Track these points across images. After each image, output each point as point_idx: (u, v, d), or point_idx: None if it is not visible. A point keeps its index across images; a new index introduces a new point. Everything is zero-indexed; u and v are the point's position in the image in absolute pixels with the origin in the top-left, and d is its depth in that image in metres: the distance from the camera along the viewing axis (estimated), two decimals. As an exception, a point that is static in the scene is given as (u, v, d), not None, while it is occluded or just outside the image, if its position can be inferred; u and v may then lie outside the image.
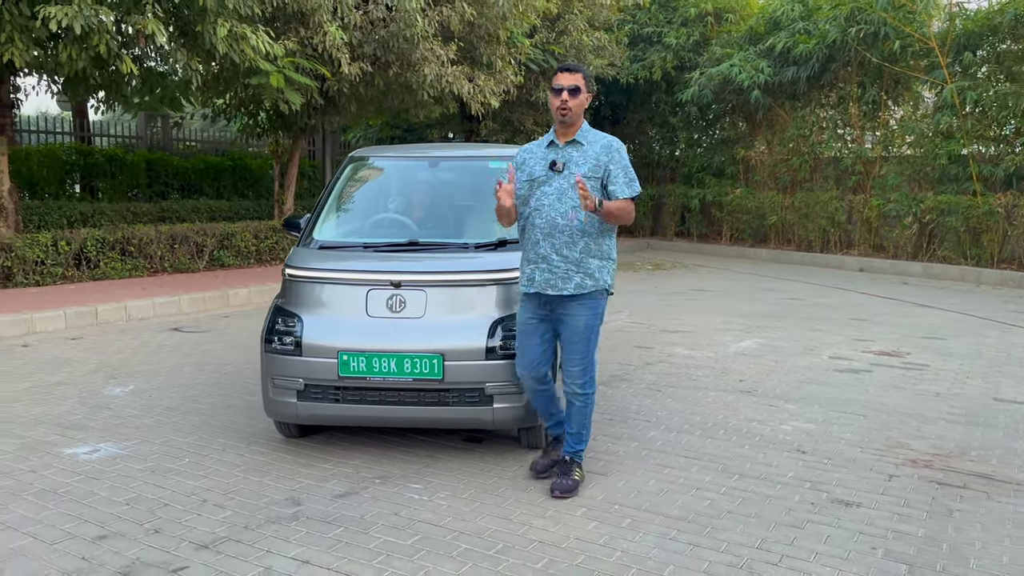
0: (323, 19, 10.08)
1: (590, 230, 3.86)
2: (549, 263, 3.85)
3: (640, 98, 20.49)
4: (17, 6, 7.83)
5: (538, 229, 3.86)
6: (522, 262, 3.99)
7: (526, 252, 3.97)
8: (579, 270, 3.85)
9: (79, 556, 3.25)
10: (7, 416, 5.18)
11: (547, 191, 3.87)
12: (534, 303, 3.96)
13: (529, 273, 3.93)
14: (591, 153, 3.88)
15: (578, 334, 3.92)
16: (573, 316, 3.90)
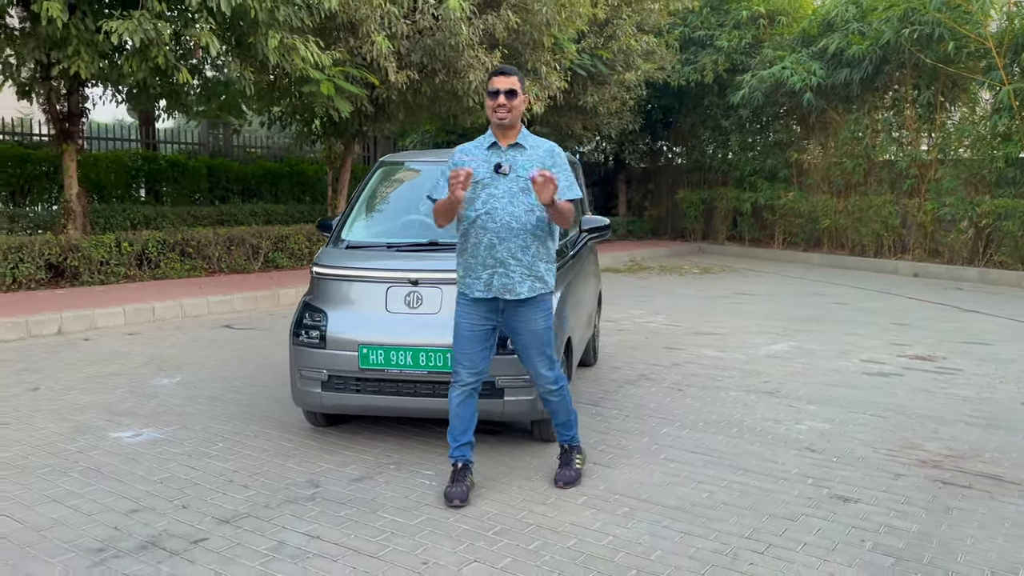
0: (371, 29, 10.42)
1: (539, 234, 3.92)
2: (506, 267, 3.86)
3: (692, 101, 20.46)
4: (83, 21, 8.35)
5: (492, 233, 3.84)
6: (472, 267, 3.91)
7: (476, 256, 3.89)
8: (531, 273, 3.91)
9: (112, 526, 3.57)
10: (63, 403, 5.59)
11: (495, 194, 3.87)
12: (484, 308, 3.94)
13: (486, 278, 3.88)
14: (536, 157, 3.94)
15: (538, 337, 3.98)
16: (530, 320, 3.96)
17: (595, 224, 5.40)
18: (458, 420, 4.00)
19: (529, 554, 3.37)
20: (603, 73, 16.01)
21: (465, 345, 3.96)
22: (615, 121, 18.32)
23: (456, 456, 4.01)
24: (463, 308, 3.99)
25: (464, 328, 3.96)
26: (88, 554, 3.29)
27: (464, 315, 3.98)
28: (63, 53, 8.54)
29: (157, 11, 8.28)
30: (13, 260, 9.68)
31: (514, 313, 3.95)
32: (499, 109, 3.85)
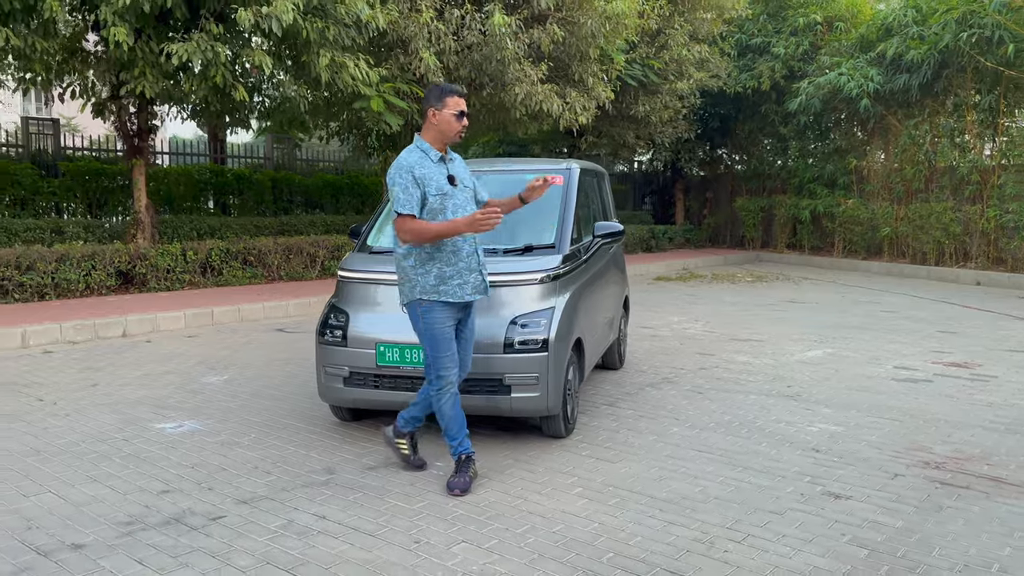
0: (419, 46, 10.82)
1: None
2: (482, 269, 4.23)
3: (749, 108, 20.35)
4: (148, 45, 8.96)
5: (471, 240, 4.14)
6: (452, 274, 4.09)
7: (457, 264, 4.09)
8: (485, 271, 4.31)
9: (142, 504, 3.94)
10: (117, 397, 6.06)
11: (458, 202, 4.13)
12: (454, 310, 4.15)
13: (474, 281, 4.15)
14: (462, 167, 4.33)
15: (473, 331, 4.35)
16: (472, 316, 4.32)
17: (608, 230, 5.58)
18: (454, 421, 4.18)
19: (516, 537, 3.59)
20: (654, 83, 16.12)
21: (448, 346, 4.12)
22: (669, 130, 18.38)
23: (462, 450, 4.23)
24: (442, 313, 4.11)
25: (443, 332, 4.11)
26: (118, 527, 3.66)
27: (444, 320, 4.11)
28: (130, 74, 9.17)
29: (215, 33, 8.82)
30: (86, 267, 10.36)
31: (468, 311, 4.28)
32: (463, 130, 4.18)
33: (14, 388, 6.31)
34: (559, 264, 4.94)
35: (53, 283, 10.10)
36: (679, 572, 3.27)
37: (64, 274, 10.16)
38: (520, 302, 4.76)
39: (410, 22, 10.78)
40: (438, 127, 4.14)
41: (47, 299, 10.05)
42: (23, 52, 8.67)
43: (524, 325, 4.66)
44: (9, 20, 8.43)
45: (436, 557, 3.38)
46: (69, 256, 10.28)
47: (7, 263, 9.73)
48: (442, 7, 11.53)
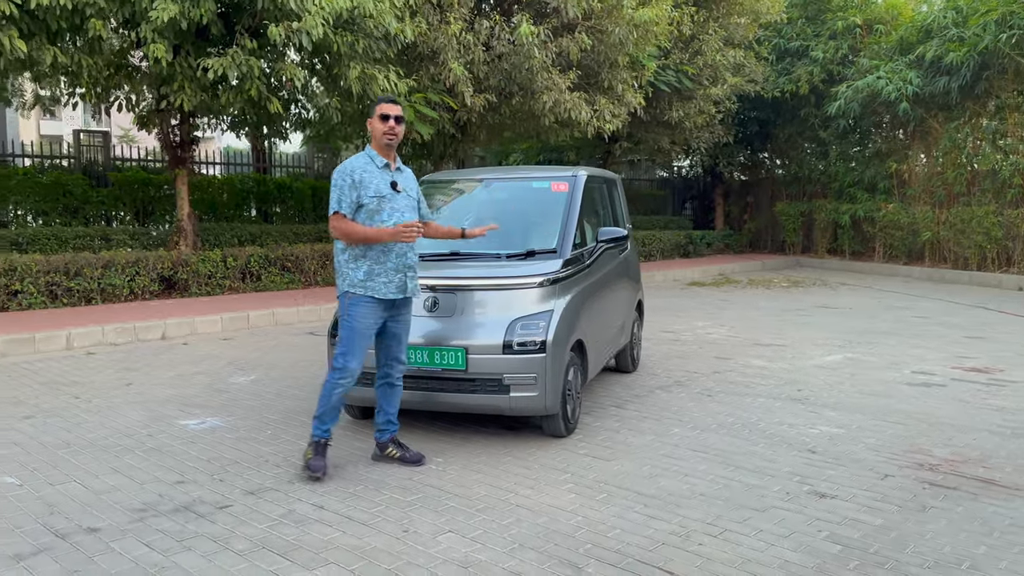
0: (448, 57, 11.08)
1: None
2: (413, 271, 4.51)
3: (788, 112, 20.21)
4: (187, 60, 9.37)
5: (400, 245, 4.40)
6: (380, 272, 4.36)
7: (385, 263, 4.37)
8: (417, 275, 4.61)
9: (157, 493, 4.21)
10: (148, 395, 6.39)
11: (397, 207, 4.43)
12: (382, 307, 4.43)
13: (399, 281, 4.42)
14: (410, 179, 4.67)
15: (408, 328, 4.64)
16: (408, 313, 4.61)
17: (612, 235, 5.72)
18: (333, 411, 4.47)
19: (500, 527, 3.77)
20: (688, 88, 16.15)
21: (363, 342, 4.43)
22: (705, 135, 18.35)
23: (322, 435, 4.50)
24: (367, 308, 4.40)
25: (364, 327, 4.42)
26: (132, 513, 3.93)
27: (367, 315, 4.41)
28: (170, 88, 9.60)
29: (249, 48, 9.19)
30: (130, 273, 10.83)
31: (403, 308, 4.54)
32: (389, 132, 4.41)
33: (55, 386, 6.69)
34: (559, 268, 5.10)
35: (99, 288, 10.58)
36: (651, 563, 3.41)
37: (110, 279, 10.63)
38: (520, 305, 4.93)
39: (439, 34, 11.04)
40: (373, 133, 4.46)
41: (93, 303, 10.53)
42: (70, 69, 9.16)
43: (523, 327, 4.83)
44: (57, 39, 8.92)
45: (421, 545, 3.58)
46: (115, 262, 10.75)
47: (56, 269, 10.22)
48: (472, 19, 11.79)
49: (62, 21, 8.58)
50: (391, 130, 4.43)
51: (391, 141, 4.46)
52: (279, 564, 3.38)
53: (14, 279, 9.83)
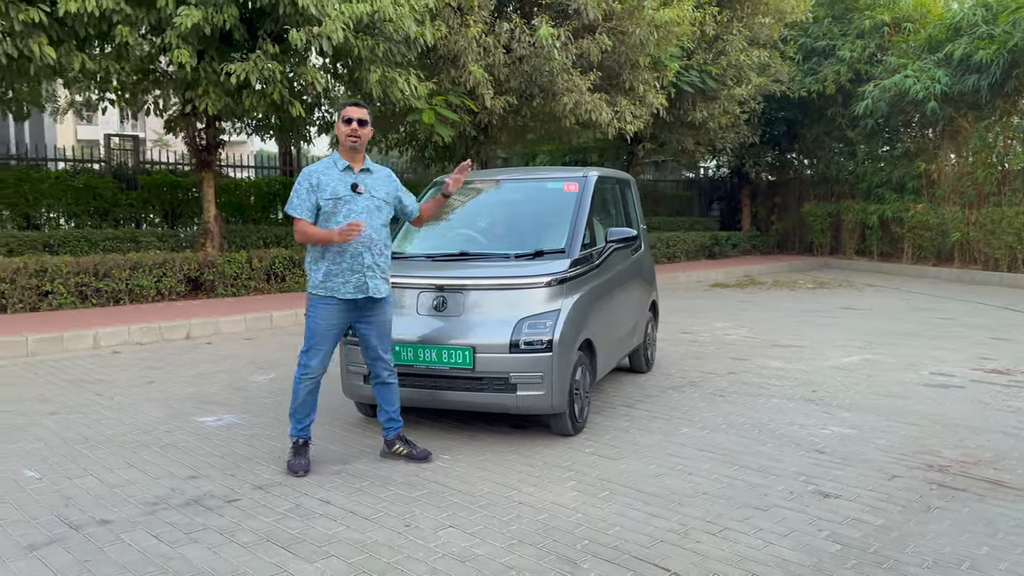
0: (468, 60, 11.16)
1: (388, 240, 4.64)
2: (373, 271, 4.50)
3: (816, 112, 20.02)
4: (211, 65, 9.55)
5: (358, 243, 4.42)
6: (337, 272, 4.43)
7: (339, 263, 4.42)
8: (385, 276, 4.63)
9: (169, 487, 4.32)
10: (169, 393, 6.53)
11: (355, 209, 4.45)
12: (344, 308, 4.50)
13: (356, 281, 4.45)
14: (380, 180, 4.64)
15: (387, 327, 4.69)
16: (382, 313, 4.64)
17: (621, 235, 5.73)
18: (305, 407, 4.59)
19: (501, 524, 3.82)
20: (712, 88, 16.08)
21: (322, 341, 4.53)
22: (730, 135, 18.25)
23: (300, 435, 4.62)
24: (326, 309, 4.50)
25: (324, 327, 4.52)
26: (144, 506, 4.04)
27: (326, 316, 4.51)
28: (195, 93, 9.78)
29: (271, 53, 9.34)
30: (157, 274, 11.04)
31: (372, 309, 4.58)
32: (352, 134, 4.46)
33: (80, 384, 6.86)
34: (567, 268, 5.13)
35: (127, 289, 10.79)
36: (647, 559, 3.43)
37: (137, 280, 10.85)
38: (527, 304, 4.97)
39: (459, 37, 11.13)
40: (338, 136, 4.53)
41: (122, 304, 10.75)
42: (98, 74, 9.37)
43: (530, 326, 4.88)
44: (86, 45, 9.14)
45: (422, 539, 3.64)
46: (142, 264, 10.97)
47: (86, 270, 10.45)
48: (492, 21, 11.85)
49: (90, 28, 8.79)
50: (353, 132, 4.47)
51: (354, 143, 4.50)
52: (281, 556, 3.46)
53: (45, 280, 10.07)
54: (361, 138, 4.51)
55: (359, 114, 4.50)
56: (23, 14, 8.11)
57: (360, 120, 4.50)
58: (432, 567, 3.36)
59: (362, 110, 4.54)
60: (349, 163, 4.54)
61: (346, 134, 4.48)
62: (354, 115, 4.49)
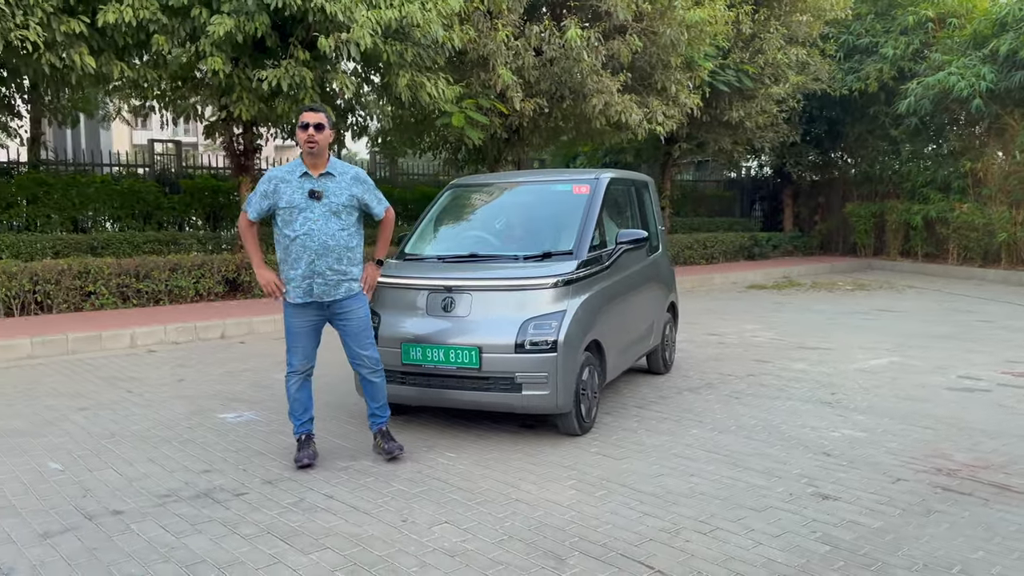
0: (497, 63, 11.26)
1: (350, 246, 4.64)
2: (324, 277, 4.56)
3: (858, 111, 19.68)
4: (244, 72, 9.81)
5: (311, 251, 4.50)
6: (292, 278, 4.57)
7: (296, 268, 4.54)
8: (346, 278, 4.65)
9: (183, 481, 4.49)
10: (196, 391, 6.75)
11: (311, 216, 4.50)
12: (310, 310, 4.65)
13: (306, 287, 4.57)
14: (344, 184, 4.60)
15: (362, 324, 4.74)
16: (353, 312, 4.70)
17: (631, 237, 5.76)
18: (298, 403, 4.77)
19: (495, 520, 3.89)
20: (749, 87, 15.94)
21: (296, 340, 4.70)
22: (769, 134, 18.05)
23: (300, 431, 4.81)
24: (290, 310, 4.69)
25: (294, 326, 4.70)
26: (156, 498, 4.21)
27: (292, 315, 4.70)
28: (229, 99, 10.05)
29: (302, 59, 9.56)
30: (196, 276, 11.36)
31: (339, 309, 4.68)
32: (309, 140, 4.49)
33: (114, 381, 7.12)
34: (573, 269, 5.18)
35: (167, 290, 11.13)
36: (634, 557, 3.48)
37: (176, 281, 11.18)
38: (533, 305, 5.04)
39: (488, 40, 11.23)
40: (299, 142, 4.58)
41: (161, 304, 11.09)
42: (137, 82, 9.70)
43: (535, 327, 4.94)
44: (124, 54, 9.46)
45: (416, 534, 3.73)
46: (181, 265, 11.29)
47: (127, 272, 10.80)
48: (522, 24, 11.94)
49: (128, 37, 9.10)
50: (310, 138, 4.49)
51: (312, 148, 4.52)
52: (279, 548, 3.58)
53: (88, 281, 10.43)
54: (319, 143, 4.53)
55: (316, 119, 4.52)
56: (64, 25, 8.44)
57: (317, 124, 4.50)
58: (422, 560, 3.45)
59: (319, 115, 4.55)
60: (308, 169, 4.56)
61: (303, 140, 4.51)
62: (311, 120, 4.50)
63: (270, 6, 8.85)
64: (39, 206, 12.39)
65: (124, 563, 3.42)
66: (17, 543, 3.63)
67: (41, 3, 8.16)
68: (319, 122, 4.53)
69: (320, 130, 4.54)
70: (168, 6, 8.98)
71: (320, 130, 4.54)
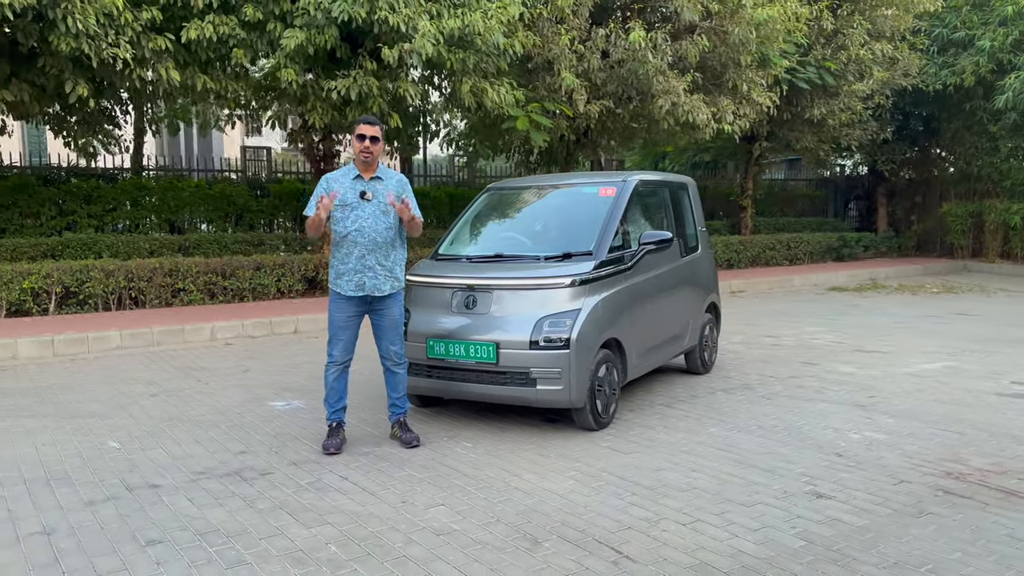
0: (561, 67, 11.47)
1: (396, 245, 5.05)
2: (375, 271, 4.97)
3: (954, 107, 18.85)
4: (317, 82, 10.37)
5: (361, 246, 4.91)
6: (344, 272, 4.95)
7: (347, 263, 4.94)
8: (391, 276, 5.07)
9: (219, 460, 4.92)
10: (257, 381, 7.25)
11: (362, 215, 4.91)
12: (355, 303, 5.02)
13: (358, 281, 4.95)
14: (391, 187, 4.96)
15: (395, 322, 5.16)
16: (390, 309, 5.11)
17: (655, 238, 5.87)
18: (334, 392, 5.13)
19: (489, 504, 4.14)
20: (833, 85, 15.57)
21: (340, 332, 5.09)
22: (856, 132, 17.54)
23: (332, 418, 5.16)
24: (337, 304, 5.06)
25: (339, 319, 5.07)
26: (192, 475, 4.65)
27: (338, 309, 5.07)
28: (304, 108, 10.64)
29: (370, 69, 10.04)
30: (278, 274, 12.04)
31: (379, 305, 5.04)
32: (364, 150, 4.90)
33: (187, 371, 7.73)
34: (591, 269, 5.36)
35: (251, 287, 11.85)
36: (607, 543, 3.66)
37: (259, 280, 11.88)
38: (550, 303, 5.26)
39: (553, 45, 11.45)
40: (353, 150, 4.98)
41: (245, 301, 11.81)
42: (219, 93, 10.40)
43: (550, 324, 5.16)
44: (208, 67, 10.16)
45: (411, 514, 4.02)
46: (264, 265, 12.00)
47: (214, 270, 11.57)
48: (588, 28, 12.10)
49: (210, 52, 9.78)
50: (366, 149, 4.94)
51: (367, 159, 4.97)
52: (284, 521, 3.94)
53: (177, 279, 11.24)
54: (373, 154, 4.98)
55: (372, 132, 4.95)
56: (152, 42, 9.16)
57: (372, 138, 4.95)
58: (409, 537, 3.73)
59: (375, 128, 4.98)
60: (360, 173, 5.01)
61: (359, 150, 4.96)
62: (367, 132, 4.95)
63: (337, 19, 9.35)
64: (139, 209, 13.39)
65: (148, 529, 3.85)
66: (64, 508, 4.12)
67: (131, 23, 8.89)
68: (375, 135, 4.99)
69: (375, 142, 5.00)
70: (246, 22, 9.61)
71: (375, 142, 5.00)
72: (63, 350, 8.56)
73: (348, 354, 5.16)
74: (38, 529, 3.86)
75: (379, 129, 5.02)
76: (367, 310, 5.11)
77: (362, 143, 4.95)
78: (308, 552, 3.58)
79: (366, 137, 4.95)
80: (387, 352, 5.20)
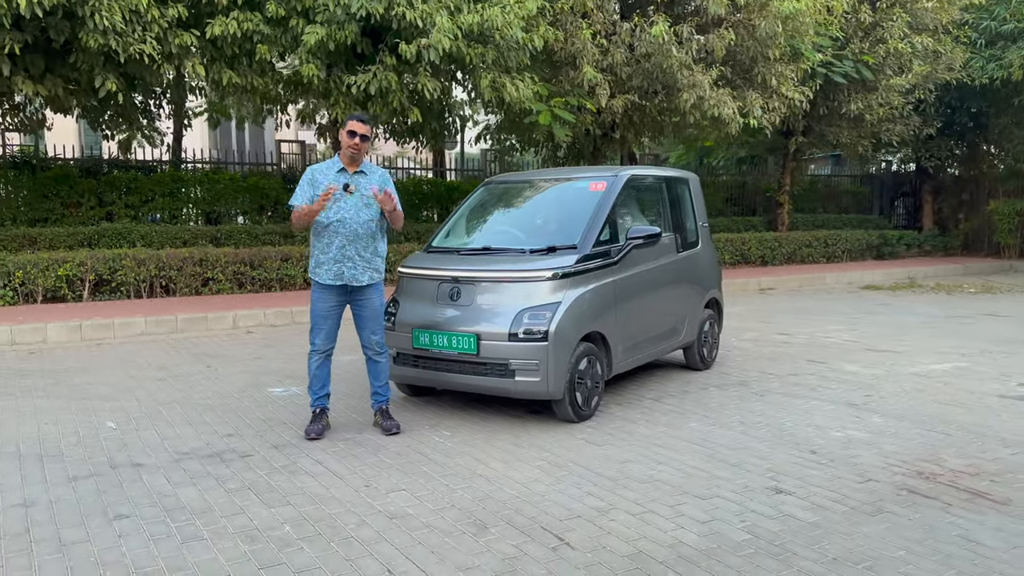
0: (584, 61, 11.48)
1: (376, 236, 5.17)
2: (354, 262, 5.10)
3: (1002, 101, 18.29)
4: (339, 78, 10.58)
5: (342, 236, 5.04)
6: (323, 261, 5.09)
7: (327, 253, 5.08)
8: (370, 266, 5.20)
9: (205, 442, 5.12)
10: (264, 368, 7.48)
11: (344, 206, 5.04)
12: (335, 292, 5.16)
13: (337, 270, 5.09)
14: (374, 181, 5.07)
15: (376, 312, 5.27)
16: (370, 299, 5.24)
17: (642, 233, 5.89)
18: (316, 379, 5.28)
19: (448, 491, 4.24)
20: (871, 79, 15.26)
21: (321, 321, 5.19)
22: (896, 127, 17.15)
23: (316, 405, 5.31)
24: (319, 293, 5.16)
25: (319, 308, 5.17)
26: (176, 455, 4.85)
27: (319, 298, 5.16)
28: (327, 103, 10.87)
29: (390, 64, 10.20)
30: (304, 265, 12.30)
31: (360, 295, 5.14)
32: (353, 146, 5.01)
33: (200, 357, 8.00)
34: (573, 263, 5.42)
35: (278, 278, 12.15)
36: (551, 529, 3.73)
37: (286, 270, 12.18)
38: (531, 296, 5.33)
39: (576, 39, 11.47)
40: (341, 143, 5.10)
41: (272, 291, 12.12)
42: (245, 88, 10.68)
43: (530, 317, 5.23)
44: (234, 63, 10.45)
45: (371, 498, 4.14)
46: (292, 255, 12.29)
47: (242, 260, 11.90)
48: (613, 22, 12.09)
49: (235, 47, 10.06)
50: (355, 145, 5.07)
51: (353, 154, 5.10)
52: (249, 500, 4.10)
53: (207, 268, 11.59)
54: (360, 150, 5.12)
55: (363, 130, 5.09)
56: (178, 39, 9.46)
57: (363, 136, 5.09)
58: (362, 519, 3.86)
59: (366, 127, 5.12)
60: (345, 166, 5.15)
61: (347, 145, 5.09)
62: (358, 131, 5.08)
63: (356, 15, 9.52)
64: (175, 200, 13.80)
65: (120, 505, 4.05)
66: (48, 483, 4.35)
67: (158, 20, 9.20)
68: (365, 134, 5.14)
69: (365, 140, 5.16)
70: (269, 18, 9.85)
71: (365, 140, 5.16)
72: (90, 335, 8.93)
73: (330, 342, 5.30)
74: (19, 501, 4.09)
75: (370, 129, 5.17)
76: (348, 300, 5.26)
77: (352, 139, 5.08)
78: (263, 530, 3.73)
79: (357, 134, 5.08)
80: (368, 342, 5.33)
